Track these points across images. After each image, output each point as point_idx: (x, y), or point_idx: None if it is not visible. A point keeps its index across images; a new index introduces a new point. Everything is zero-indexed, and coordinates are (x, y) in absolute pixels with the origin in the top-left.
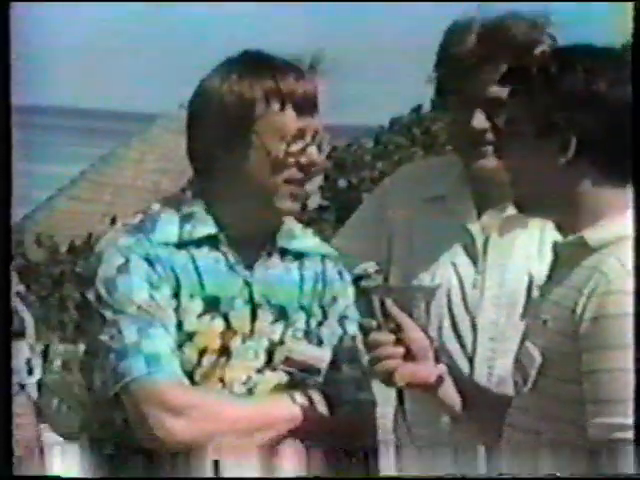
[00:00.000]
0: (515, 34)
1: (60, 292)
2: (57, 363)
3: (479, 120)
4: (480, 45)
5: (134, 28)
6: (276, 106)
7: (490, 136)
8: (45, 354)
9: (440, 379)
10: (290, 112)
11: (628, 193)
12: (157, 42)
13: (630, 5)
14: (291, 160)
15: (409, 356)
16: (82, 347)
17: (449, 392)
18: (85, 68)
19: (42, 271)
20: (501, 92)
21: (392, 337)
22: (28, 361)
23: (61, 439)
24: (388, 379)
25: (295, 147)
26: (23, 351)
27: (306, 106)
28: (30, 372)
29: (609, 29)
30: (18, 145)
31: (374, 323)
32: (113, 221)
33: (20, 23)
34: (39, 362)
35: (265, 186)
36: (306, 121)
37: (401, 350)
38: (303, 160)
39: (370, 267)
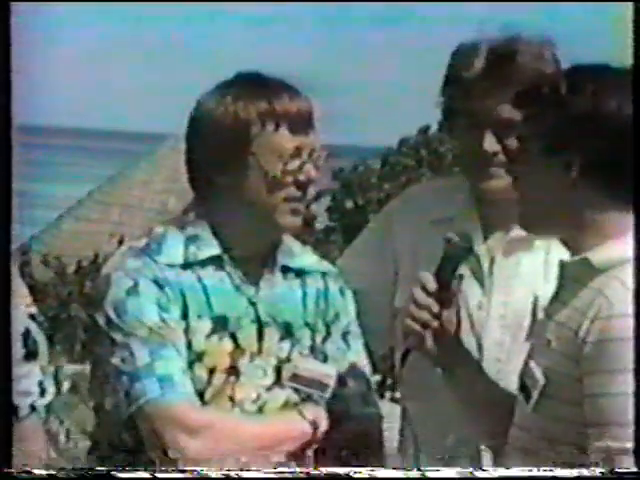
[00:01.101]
0: (524, 56)
1: (68, 312)
2: (65, 385)
3: (490, 142)
4: (487, 70)
5: (142, 46)
6: (271, 126)
7: (500, 157)
8: (56, 376)
9: (452, 363)
10: (285, 132)
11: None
12: (164, 61)
13: (630, 5)
14: (288, 178)
15: (439, 333)
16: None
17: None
18: (91, 87)
19: (49, 291)
20: (511, 113)
21: (436, 307)
22: (40, 383)
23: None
24: (408, 336)
25: (292, 165)
26: (35, 372)
27: (301, 125)
28: (42, 394)
29: (609, 44)
30: (26, 165)
31: (433, 285)
32: (121, 242)
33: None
34: (51, 383)
35: (264, 205)
36: (301, 139)
37: (435, 323)
38: (301, 178)
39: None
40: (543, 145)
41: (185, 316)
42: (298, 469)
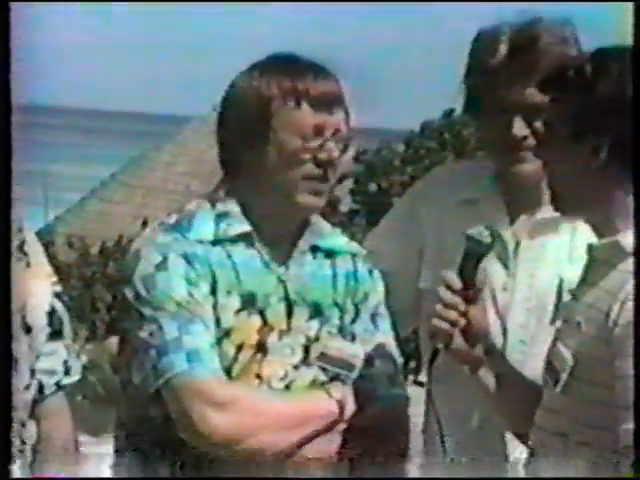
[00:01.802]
0: (546, 43)
1: (91, 293)
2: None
3: (519, 127)
4: (512, 56)
5: (168, 30)
6: (291, 102)
7: (529, 141)
8: (79, 356)
9: (480, 361)
10: (306, 108)
11: None
12: (190, 43)
13: (630, 5)
14: (307, 156)
15: (466, 330)
16: (112, 346)
17: (486, 375)
18: (116, 69)
19: (73, 272)
20: (538, 97)
21: (462, 306)
22: (65, 362)
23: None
24: (436, 336)
25: (312, 143)
26: (60, 351)
27: (324, 104)
28: (67, 372)
29: (610, 30)
30: (50, 147)
31: (458, 284)
32: (144, 223)
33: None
34: (76, 362)
35: (284, 182)
36: (324, 118)
37: (463, 321)
38: (321, 156)
39: (482, 232)
40: (571, 128)
41: (214, 292)
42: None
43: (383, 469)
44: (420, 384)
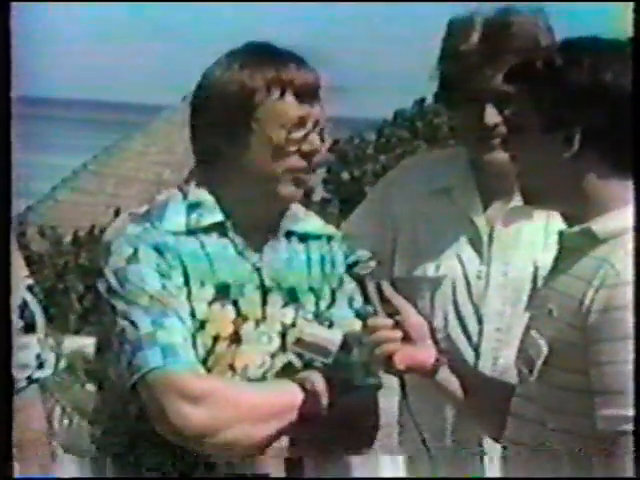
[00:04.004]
0: (518, 30)
1: (64, 283)
2: (62, 364)
3: (491, 115)
4: (484, 42)
5: (138, 19)
6: (276, 94)
7: (500, 130)
8: (53, 349)
9: (438, 362)
10: (290, 100)
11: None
12: (161, 34)
13: (630, 5)
14: (292, 148)
15: (407, 339)
16: (86, 341)
17: (448, 377)
18: (88, 59)
19: (45, 262)
20: (508, 86)
21: (390, 321)
22: (38, 355)
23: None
24: (388, 363)
25: (296, 135)
26: (33, 345)
27: (307, 95)
28: (40, 366)
29: (604, 20)
30: (20, 136)
31: (370, 309)
32: (117, 213)
33: (20, 13)
34: (50, 356)
35: (267, 173)
36: (307, 109)
37: (399, 333)
38: (305, 148)
39: (363, 254)
40: (541, 119)
41: (187, 283)
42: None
43: (354, 460)
44: (394, 373)
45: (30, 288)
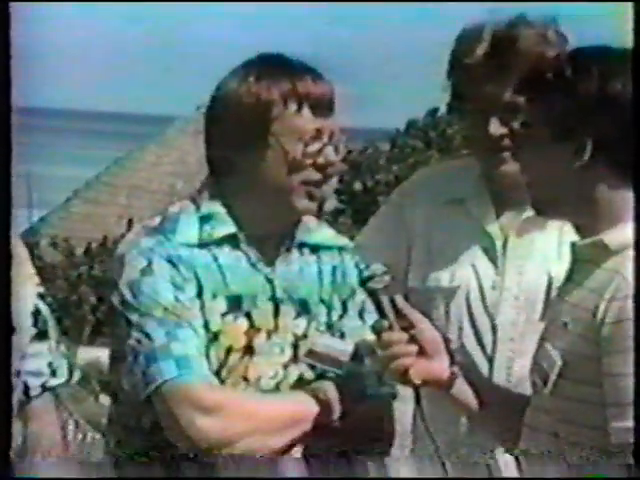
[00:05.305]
0: (527, 41)
1: (77, 295)
2: (76, 375)
3: (495, 126)
4: (492, 53)
5: (149, 29)
6: (293, 107)
7: (507, 141)
8: (67, 358)
9: (453, 375)
10: (307, 113)
11: None
12: (174, 44)
13: (630, 5)
14: (308, 161)
15: (422, 353)
16: (99, 353)
17: (463, 390)
18: (100, 70)
19: (58, 274)
20: (516, 97)
21: (405, 335)
22: (50, 364)
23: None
24: (403, 377)
25: (312, 148)
26: (45, 353)
27: (322, 107)
28: (53, 374)
29: (610, 29)
30: (35, 148)
31: (385, 323)
32: (129, 223)
33: (23, 20)
34: (62, 363)
35: (282, 186)
36: (323, 122)
37: (414, 347)
38: (320, 161)
39: (377, 268)
40: (551, 129)
41: (200, 295)
42: None
43: (370, 467)
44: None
45: (42, 296)
